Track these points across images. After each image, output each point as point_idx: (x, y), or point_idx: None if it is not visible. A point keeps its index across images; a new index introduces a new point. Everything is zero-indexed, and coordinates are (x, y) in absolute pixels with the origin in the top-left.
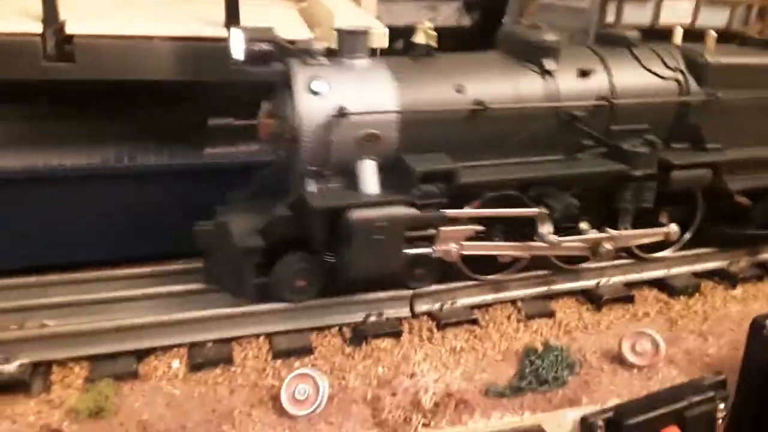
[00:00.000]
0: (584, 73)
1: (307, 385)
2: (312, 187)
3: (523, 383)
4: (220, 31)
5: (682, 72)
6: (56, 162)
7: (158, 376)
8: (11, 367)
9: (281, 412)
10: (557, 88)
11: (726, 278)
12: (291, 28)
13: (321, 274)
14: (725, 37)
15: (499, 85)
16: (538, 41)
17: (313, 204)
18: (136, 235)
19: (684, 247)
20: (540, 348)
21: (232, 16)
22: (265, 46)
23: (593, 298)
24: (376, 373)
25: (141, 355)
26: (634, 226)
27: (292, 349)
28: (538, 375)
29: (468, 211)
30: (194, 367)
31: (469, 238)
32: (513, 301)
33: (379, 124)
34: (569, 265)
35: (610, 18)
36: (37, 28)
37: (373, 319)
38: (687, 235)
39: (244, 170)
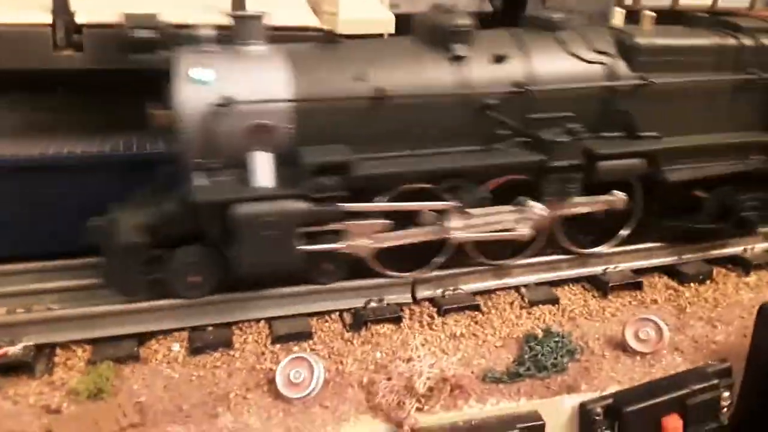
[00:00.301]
0: (499, 59)
1: (302, 368)
2: (200, 180)
3: (521, 369)
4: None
5: (610, 55)
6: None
7: (158, 359)
8: (16, 349)
9: (277, 395)
10: (468, 74)
11: (740, 265)
12: (297, 14)
13: (216, 270)
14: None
15: (404, 73)
16: (447, 25)
17: (194, 198)
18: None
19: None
20: (540, 334)
21: (239, 3)
22: (147, 33)
23: (599, 285)
24: (373, 358)
25: (142, 338)
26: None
27: (291, 334)
28: (537, 361)
29: (367, 205)
30: (194, 350)
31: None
32: (517, 288)
33: (271, 114)
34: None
35: (628, 1)
36: (47, 18)
37: (373, 304)
38: (624, 231)
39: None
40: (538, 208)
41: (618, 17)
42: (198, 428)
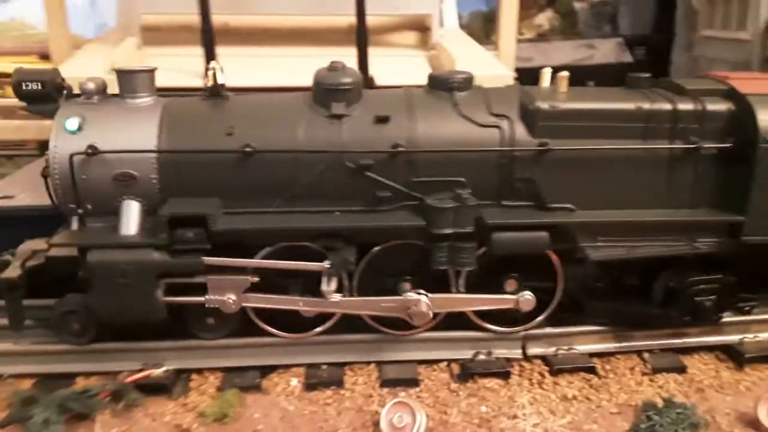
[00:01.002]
0: (380, 120)
1: (405, 414)
2: (74, 225)
3: None
4: None
5: (508, 119)
6: None
7: (277, 391)
8: (158, 372)
9: None
10: (344, 133)
11: None
12: (416, 73)
13: (92, 318)
14: None
15: (278, 129)
16: (328, 83)
17: (52, 242)
18: None
19: None
20: (661, 404)
21: (363, 66)
22: (35, 86)
23: (734, 355)
24: (478, 412)
25: (265, 371)
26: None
27: (398, 380)
28: None
29: (226, 260)
30: (309, 386)
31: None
32: (639, 352)
33: (136, 164)
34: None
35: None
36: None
37: (482, 357)
38: (541, 316)
39: None
40: (422, 305)
41: (544, 78)
42: None
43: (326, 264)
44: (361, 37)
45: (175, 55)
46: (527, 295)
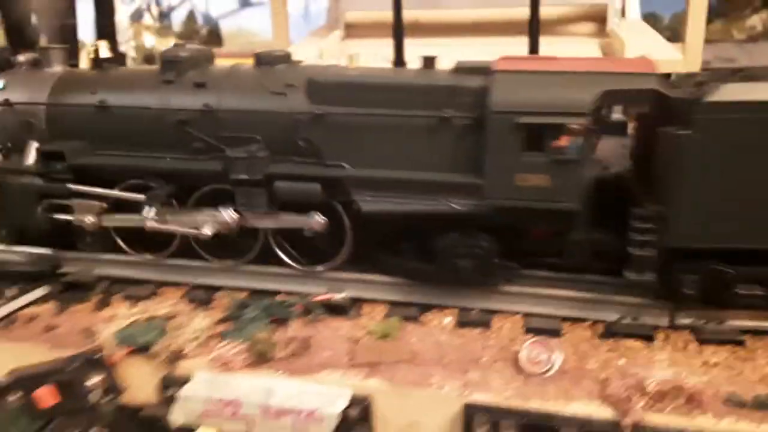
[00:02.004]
0: (198, 85)
1: (543, 351)
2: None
3: None
4: None
5: (294, 89)
6: None
7: (433, 325)
8: (339, 297)
9: (519, 369)
10: (171, 95)
11: None
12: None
13: None
14: None
15: (129, 90)
16: (164, 56)
17: None
18: None
19: None
20: None
21: (534, 52)
22: None
23: None
24: (615, 363)
25: (424, 308)
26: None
27: (541, 329)
28: None
29: (82, 187)
30: (460, 324)
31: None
32: None
33: (34, 115)
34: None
35: None
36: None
37: (627, 321)
38: (337, 259)
39: None
40: (226, 215)
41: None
42: (451, 374)
43: (143, 196)
44: (533, 26)
45: (370, 45)
46: (317, 217)
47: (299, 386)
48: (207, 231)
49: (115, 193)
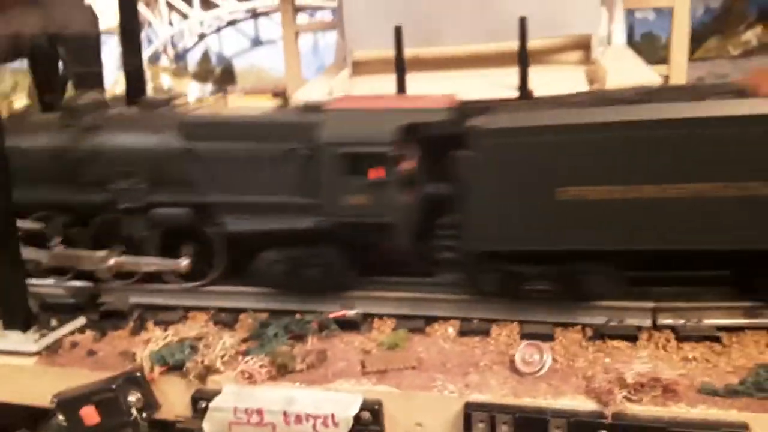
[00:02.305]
0: (89, 129)
1: (535, 353)
2: None
3: (740, 387)
4: None
5: (169, 129)
6: None
7: (437, 335)
8: (351, 313)
9: (514, 370)
10: (68, 137)
11: None
12: (572, 85)
13: None
14: None
15: (31, 135)
16: (65, 102)
17: None
18: None
19: None
20: None
21: (523, 82)
22: None
23: None
24: (602, 361)
25: (429, 320)
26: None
27: (536, 334)
28: (760, 384)
29: None
30: (462, 333)
31: None
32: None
33: None
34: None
35: None
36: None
37: (613, 323)
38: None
39: None
40: (110, 260)
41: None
42: (453, 378)
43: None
44: (522, 58)
45: (377, 81)
46: (184, 261)
47: (317, 394)
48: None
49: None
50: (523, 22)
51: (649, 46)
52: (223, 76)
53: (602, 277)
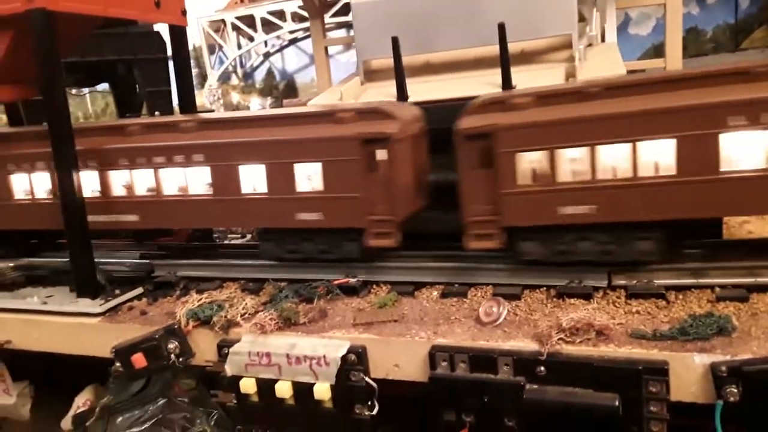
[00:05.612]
0: None
1: (495, 306)
2: None
3: (667, 332)
4: None
5: None
6: None
7: (423, 298)
8: (353, 280)
9: (478, 321)
10: None
11: None
12: (550, 82)
13: None
14: None
15: None
16: None
17: None
18: None
19: None
20: (702, 313)
21: (506, 79)
22: None
23: None
24: (555, 315)
25: (417, 285)
26: None
27: (505, 294)
28: (684, 329)
29: None
30: (443, 295)
31: None
32: (712, 287)
33: None
34: None
35: None
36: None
37: (573, 284)
38: None
39: None
40: None
41: None
42: (425, 328)
43: None
44: (503, 60)
45: (381, 87)
46: None
47: (314, 341)
48: None
49: None
50: (502, 27)
51: (693, 40)
52: (287, 91)
53: None
